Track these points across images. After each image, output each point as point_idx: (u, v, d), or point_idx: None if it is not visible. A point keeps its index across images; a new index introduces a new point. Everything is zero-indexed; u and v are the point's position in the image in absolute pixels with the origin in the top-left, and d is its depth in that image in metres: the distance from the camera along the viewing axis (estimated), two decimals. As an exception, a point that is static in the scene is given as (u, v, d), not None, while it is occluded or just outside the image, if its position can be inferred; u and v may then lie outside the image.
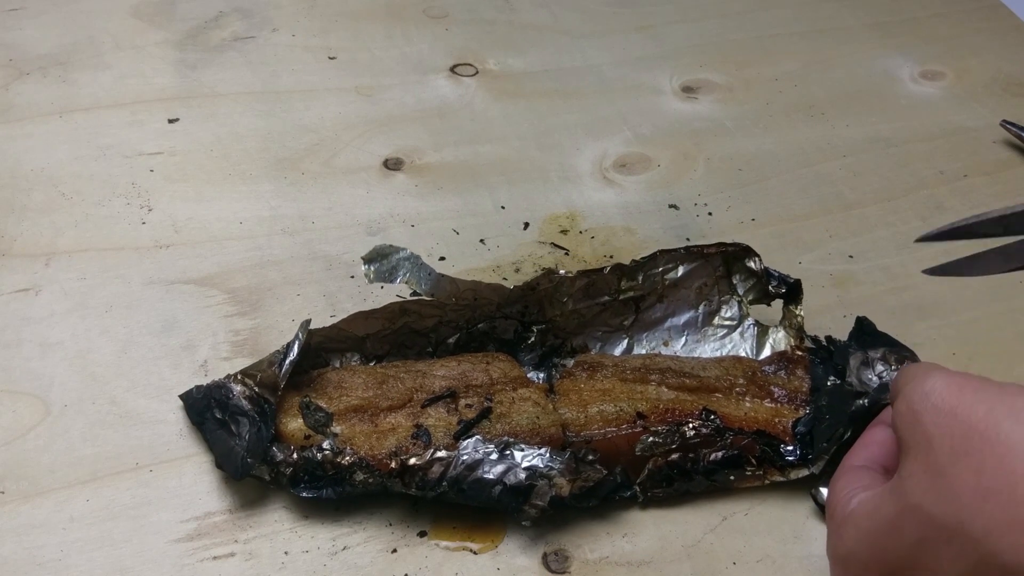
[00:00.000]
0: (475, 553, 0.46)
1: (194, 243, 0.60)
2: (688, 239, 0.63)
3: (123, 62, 0.73)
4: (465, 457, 0.46)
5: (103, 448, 0.49)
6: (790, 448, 0.49)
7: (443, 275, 0.51)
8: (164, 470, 0.48)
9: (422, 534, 0.47)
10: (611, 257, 0.61)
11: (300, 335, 0.49)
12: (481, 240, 0.62)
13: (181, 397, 0.50)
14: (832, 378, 0.52)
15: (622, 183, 0.67)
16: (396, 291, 0.57)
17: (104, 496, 0.47)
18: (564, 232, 0.63)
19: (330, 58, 0.76)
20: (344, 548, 0.46)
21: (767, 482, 0.49)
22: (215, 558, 0.45)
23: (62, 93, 0.70)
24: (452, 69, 0.76)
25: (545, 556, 0.46)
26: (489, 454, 0.46)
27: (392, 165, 0.67)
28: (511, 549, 0.47)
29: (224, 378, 0.49)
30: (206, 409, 0.49)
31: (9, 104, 0.69)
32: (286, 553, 0.46)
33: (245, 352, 0.54)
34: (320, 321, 0.54)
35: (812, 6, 0.86)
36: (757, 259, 0.55)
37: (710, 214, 0.65)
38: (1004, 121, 0.73)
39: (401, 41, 0.78)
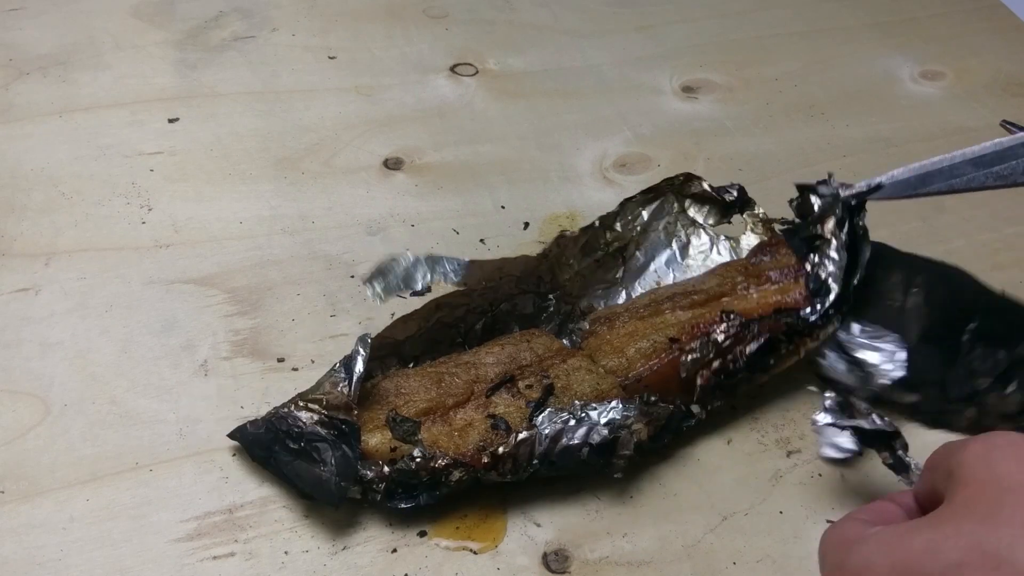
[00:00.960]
0: (475, 553, 0.46)
1: (194, 243, 0.60)
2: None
3: (123, 62, 0.73)
4: (546, 431, 0.47)
5: (103, 448, 0.49)
6: (807, 311, 0.52)
7: (472, 260, 0.52)
8: (164, 470, 0.48)
9: (422, 534, 0.47)
10: (611, 257, 0.61)
11: (362, 351, 0.47)
12: (481, 240, 0.62)
13: (232, 436, 0.49)
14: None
15: (622, 183, 0.67)
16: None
17: (104, 496, 0.47)
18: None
19: (330, 58, 0.76)
20: (344, 548, 0.46)
21: (803, 354, 0.52)
22: (215, 558, 0.45)
23: (62, 93, 0.70)
24: (452, 69, 0.76)
25: (545, 556, 0.46)
26: (567, 421, 0.47)
27: (392, 165, 0.67)
28: (511, 549, 0.47)
29: (283, 408, 0.48)
30: (273, 443, 0.47)
31: (9, 104, 0.69)
32: (286, 553, 0.46)
33: (245, 352, 0.54)
34: (320, 320, 0.54)
35: (812, 6, 0.86)
36: (701, 181, 0.58)
37: (710, 214, 0.65)
38: (1004, 121, 0.73)
39: (401, 41, 0.78)
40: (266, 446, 0.47)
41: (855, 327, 0.53)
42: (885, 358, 0.52)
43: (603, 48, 0.80)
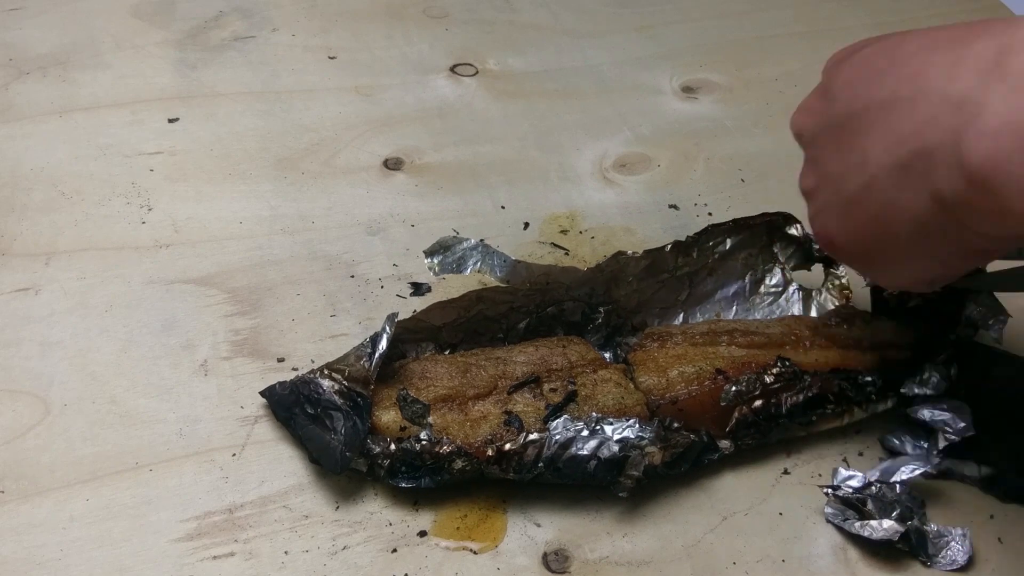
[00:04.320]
0: (475, 553, 0.46)
1: (194, 243, 0.60)
2: (688, 239, 0.63)
3: (123, 62, 0.73)
4: (558, 436, 0.47)
5: (103, 447, 0.49)
6: (869, 379, 0.51)
7: (519, 261, 0.52)
8: (164, 470, 0.48)
9: (422, 534, 0.47)
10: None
11: (388, 328, 0.49)
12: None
13: (263, 394, 0.51)
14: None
15: (622, 183, 0.67)
16: (396, 290, 0.58)
17: (104, 496, 0.47)
18: (564, 232, 0.63)
19: (330, 58, 0.76)
20: (344, 548, 0.46)
21: (845, 421, 0.51)
22: (215, 558, 0.45)
23: (62, 93, 0.70)
24: (452, 69, 0.76)
25: (545, 556, 0.47)
26: (580, 431, 0.47)
27: (392, 165, 0.67)
28: (511, 549, 0.47)
29: (309, 373, 0.49)
30: (294, 405, 0.49)
31: (9, 104, 0.69)
32: (286, 553, 0.46)
33: (245, 351, 0.54)
34: (320, 320, 0.54)
35: (812, 6, 0.86)
36: (798, 225, 0.56)
37: (710, 214, 0.65)
38: (1004, 121, 0.72)
39: (401, 41, 0.78)
40: (288, 407, 0.49)
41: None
42: (951, 414, 0.50)
43: (603, 48, 0.80)
